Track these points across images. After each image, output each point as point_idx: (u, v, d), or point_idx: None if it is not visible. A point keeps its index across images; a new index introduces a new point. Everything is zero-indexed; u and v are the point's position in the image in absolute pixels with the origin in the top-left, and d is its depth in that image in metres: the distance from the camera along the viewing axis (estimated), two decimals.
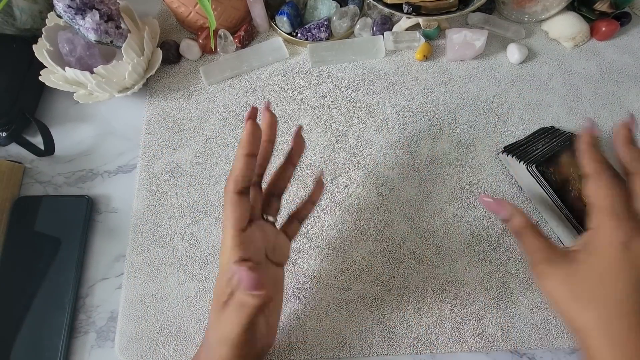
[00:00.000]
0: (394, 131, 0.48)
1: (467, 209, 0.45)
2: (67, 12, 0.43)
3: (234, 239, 0.30)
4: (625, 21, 0.51)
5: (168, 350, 0.41)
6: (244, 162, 0.30)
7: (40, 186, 0.48)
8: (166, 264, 0.44)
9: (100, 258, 0.45)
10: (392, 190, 0.46)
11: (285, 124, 0.49)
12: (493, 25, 0.52)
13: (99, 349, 0.42)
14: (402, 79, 0.51)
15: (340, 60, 0.52)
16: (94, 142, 0.50)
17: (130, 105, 0.51)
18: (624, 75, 0.50)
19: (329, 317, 0.42)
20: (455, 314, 0.41)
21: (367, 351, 0.40)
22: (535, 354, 0.41)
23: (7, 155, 0.50)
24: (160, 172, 0.48)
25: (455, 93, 0.50)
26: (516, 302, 0.41)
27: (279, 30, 0.52)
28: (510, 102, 0.49)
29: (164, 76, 0.52)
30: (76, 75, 0.45)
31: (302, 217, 0.37)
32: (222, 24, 0.51)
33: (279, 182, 0.36)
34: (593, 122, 0.32)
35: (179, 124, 0.50)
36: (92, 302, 0.43)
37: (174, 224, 0.46)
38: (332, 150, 0.48)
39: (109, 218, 0.47)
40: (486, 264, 0.43)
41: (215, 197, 0.46)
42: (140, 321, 0.42)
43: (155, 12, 0.55)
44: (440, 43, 0.52)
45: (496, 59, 0.51)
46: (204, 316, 0.42)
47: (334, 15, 0.51)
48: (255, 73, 0.52)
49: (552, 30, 0.51)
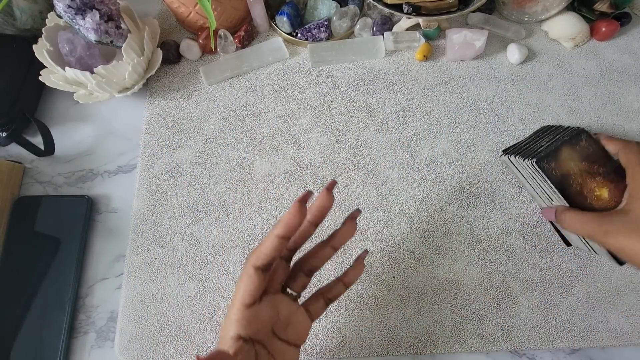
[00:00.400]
0: (394, 131, 0.48)
1: (467, 209, 0.45)
2: (67, 12, 0.43)
3: (237, 313, 0.29)
4: (625, 21, 0.51)
5: (168, 350, 0.41)
6: (274, 243, 0.28)
7: (40, 186, 0.48)
8: (166, 264, 0.44)
9: (100, 258, 0.45)
10: (392, 190, 0.46)
11: (285, 124, 0.49)
12: (493, 25, 0.52)
13: (99, 349, 0.42)
14: (402, 79, 0.51)
15: (340, 61, 0.52)
16: (94, 142, 0.50)
17: (130, 105, 0.51)
18: (624, 76, 0.50)
19: (329, 317, 0.42)
20: (455, 314, 0.41)
21: (367, 351, 0.40)
22: (535, 354, 0.41)
23: (7, 155, 0.50)
24: (160, 172, 0.48)
25: (455, 93, 0.50)
26: (516, 302, 0.41)
27: (279, 31, 0.52)
28: (510, 102, 0.49)
29: (164, 76, 0.52)
30: (76, 75, 0.45)
31: (330, 298, 0.34)
32: (222, 24, 0.51)
33: (311, 260, 0.33)
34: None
35: (179, 124, 0.50)
36: (92, 302, 0.43)
37: (174, 224, 0.46)
38: (332, 150, 0.48)
39: (109, 218, 0.47)
40: (486, 264, 0.43)
41: (215, 197, 0.46)
42: (140, 321, 0.42)
43: (155, 12, 0.56)
44: (440, 43, 0.52)
45: (496, 59, 0.51)
46: (204, 316, 0.42)
47: (334, 15, 0.51)
48: (255, 73, 0.52)
49: (552, 31, 0.51)
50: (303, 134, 0.49)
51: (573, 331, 0.40)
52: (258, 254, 0.29)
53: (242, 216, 0.46)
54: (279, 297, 0.32)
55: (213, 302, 0.43)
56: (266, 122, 0.49)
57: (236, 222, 0.45)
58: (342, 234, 0.32)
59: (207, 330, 0.42)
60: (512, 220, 0.44)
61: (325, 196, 0.30)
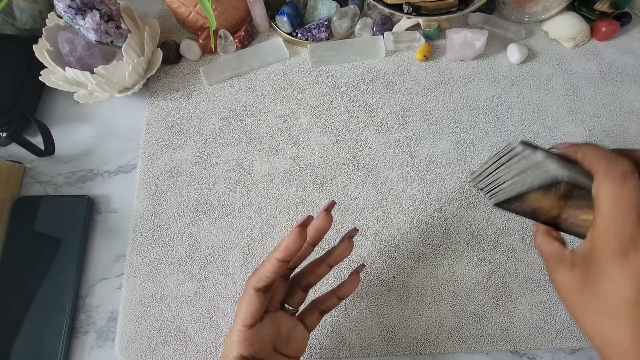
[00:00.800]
0: (394, 131, 0.48)
1: (467, 209, 0.45)
2: (68, 12, 0.43)
3: (239, 335, 0.29)
4: (625, 21, 0.51)
5: (168, 350, 0.41)
6: (274, 266, 0.29)
7: (40, 186, 0.48)
8: (166, 264, 0.44)
9: (100, 258, 0.45)
10: (392, 190, 0.46)
11: (285, 124, 0.49)
12: (493, 25, 0.52)
13: (99, 349, 0.42)
14: (402, 79, 0.51)
15: (340, 61, 0.52)
16: (94, 142, 0.50)
17: (130, 105, 0.51)
18: (624, 76, 0.50)
19: (329, 317, 0.41)
20: (455, 314, 0.41)
21: (367, 351, 0.40)
22: (535, 354, 0.41)
23: (7, 155, 0.50)
24: (160, 172, 0.48)
25: (455, 93, 0.50)
26: (516, 302, 0.41)
27: (279, 31, 0.52)
28: (510, 102, 0.49)
29: (164, 76, 0.52)
30: (76, 75, 0.45)
31: (325, 309, 0.34)
32: (222, 24, 0.51)
33: (308, 277, 0.34)
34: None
35: (179, 124, 0.50)
36: (92, 302, 0.43)
37: (174, 224, 0.46)
38: (332, 150, 0.48)
39: (109, 218, 0.47)
40: (486, 264, 0.43)
41: (215, 197, 0.46)
42: (140, 321, 0.42)
43: (155, 12, 0.56)
44: (440, 43, 0.52)
45: (496, 59, 0.51)
46: (204, 316, 0.42)
47: (334, 15, 0.51)
48: (255, 73, 0.52)
49: (553, 31, 0.51)
50: (303, 134, 0.49)
51: (573, 331, 0.40)
52: (259, 275, 0.29)
53: (242, 216, 0.46)
54: (279, 314, 0.32)
55: (213, 302, 0.43)
56: (266, 122, 0.49)
57: (236, 222, 0.45)
58: (338, 253, 0.33)
59: (207, 330, 0.42)
60: (512, 220, 0.44)
61: (324, 217, 0.31)
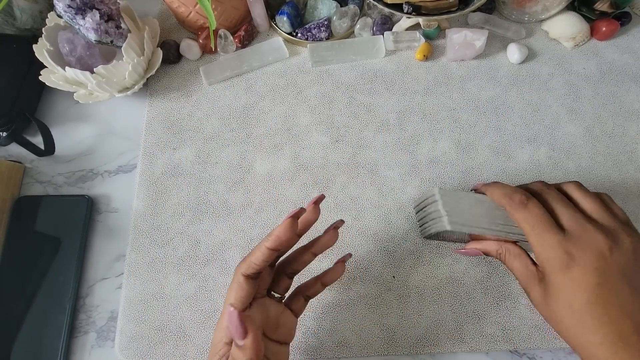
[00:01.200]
0: (394, 131, 0.48)
1: None
2: (67, 12, 0.43)
3: None
4: (625, 21, 0.51)
5: (168, 350, 0.41)
6: (264, 254, 0.29)
7: (40, 186, 0.48)
8: (166, 264, 0.44)
9: (100, 258, 0.45)
10: (392, 190, 0.46)
11: (285, 124, 0.49)
12: (493, 25, 0.52)
13: (99, 349, 0.42)
14: (402, 79, 0.51)
15: (340, 60, 0.52)
16: (94, 142, 0.50)
17: (130, 105, 0.51)
18: (624, 75, 0.50)
19: (329, 317, 0.42)
20: (455, 314, 0.41)
21: (367, 351, 0.40)
22: (535, 354, 0.41)
23: (7, 155, 0.50)
24: (160, 172, 0.48)
25: (455, 93, 0.50)
26: (516, 302, 0.41)
27: (279, 30, 0.52)
28: (510, 102, 0.49)
29: (164, 76, 0.52)
30: (76, 75, 0.45)
31: (309, 295, 0.35)
32: (222, 23, 0.51)
33: (293, 264, 0.35)
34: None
35: (179, 123, 0.50)
36: (92, 302, 0.43)
37: (174, 224, 0.46)
38: (332, 150, 0.48)
39: (109, 218, 0.47)
40: (486, 264, 0.43)
41: (215, 197, 0.46)
42: (140, 321, 0.42)
43: (155, 12, 0.56)
44: (440, 43, 0.52)
45: (496, 58, 0.51)
46: (204, 316, 0.42)
47: (334, 15, 0.51)
48: (255, 73, 0.52)
49: (553, 30, 0.51)
50: (303, 134, 0.49)
51: None
52: (248, 263, 0.30)
53: (242, 216, 0.46)
54: (266, 300, 0.33)
55: (213, 302, 0.43)
56: (266, 121, 0.49)
57: (236, 221, 0.45)
58: (323, 243, 0.34)
59: (207, 330, 0.42)
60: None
61: (312, 210, 0.32)
